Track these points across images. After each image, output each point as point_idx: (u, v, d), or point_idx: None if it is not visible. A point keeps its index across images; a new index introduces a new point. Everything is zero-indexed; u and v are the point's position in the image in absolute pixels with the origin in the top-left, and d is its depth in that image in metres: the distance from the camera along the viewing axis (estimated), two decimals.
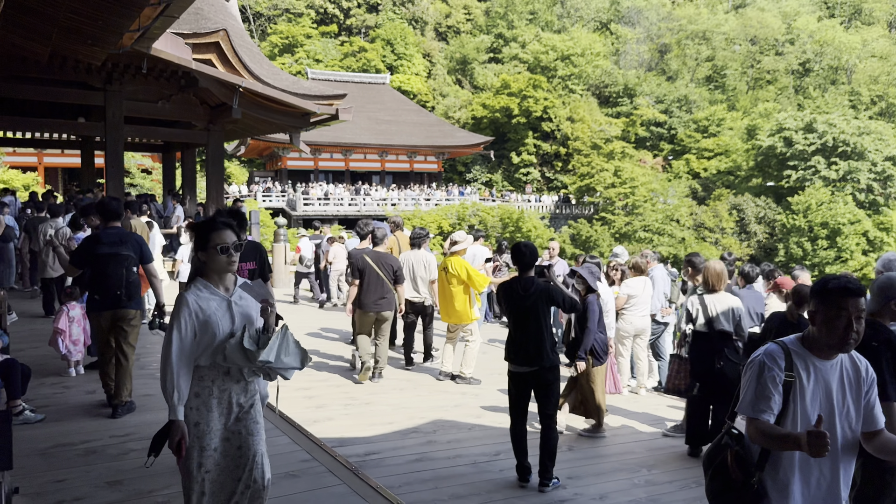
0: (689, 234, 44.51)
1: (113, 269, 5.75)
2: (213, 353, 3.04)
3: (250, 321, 3.11)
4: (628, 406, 7.59)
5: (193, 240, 3.17)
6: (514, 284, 5.14)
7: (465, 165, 55.63)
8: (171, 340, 2.97)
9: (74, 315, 6.84)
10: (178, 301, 3.04)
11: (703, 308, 5.86)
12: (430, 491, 4.68)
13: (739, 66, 67.19)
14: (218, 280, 3.13)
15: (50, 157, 36.11)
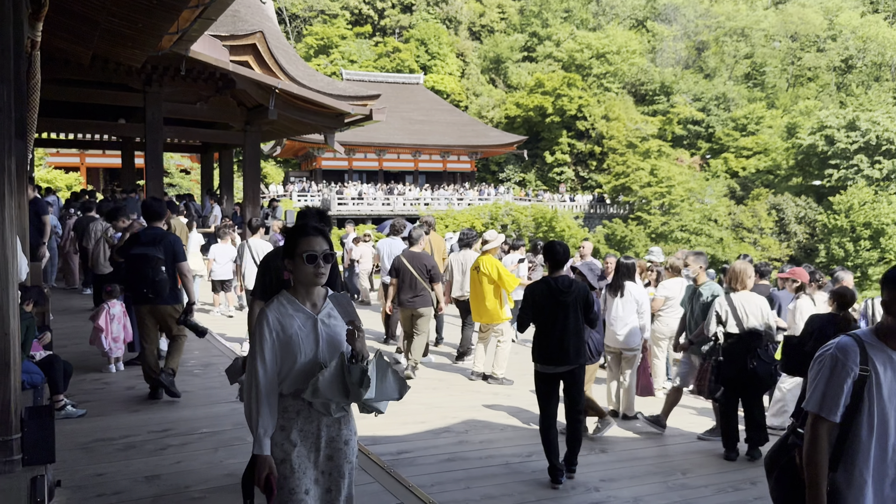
0: (727, 234, 43.82)
1: (140, 269, 6.04)
2: (295, 381, 2.66)
3: (336, 345, 2.72)
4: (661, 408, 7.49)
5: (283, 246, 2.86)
6: (549, 282, 5.15)
7: (498, 165, 55.53)
8: (255, 365, 2.62)
9: (115, 313, 6.99)
10: (259, 318, 2.69)
11: (732, 309, 5.81)
12: (462, 491, 4.68)
13: (779, 63, 65.91)
14: (304, 294, 2.75)
15: (91, 157, 36.94)
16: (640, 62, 60.78)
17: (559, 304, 5.05)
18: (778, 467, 2.75)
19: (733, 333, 5.79)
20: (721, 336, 5.88)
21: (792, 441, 2.71)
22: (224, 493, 4.16)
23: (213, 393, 6.41)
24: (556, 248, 5.22)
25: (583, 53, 59.29)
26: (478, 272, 7.98)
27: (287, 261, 2.76)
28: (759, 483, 5.26)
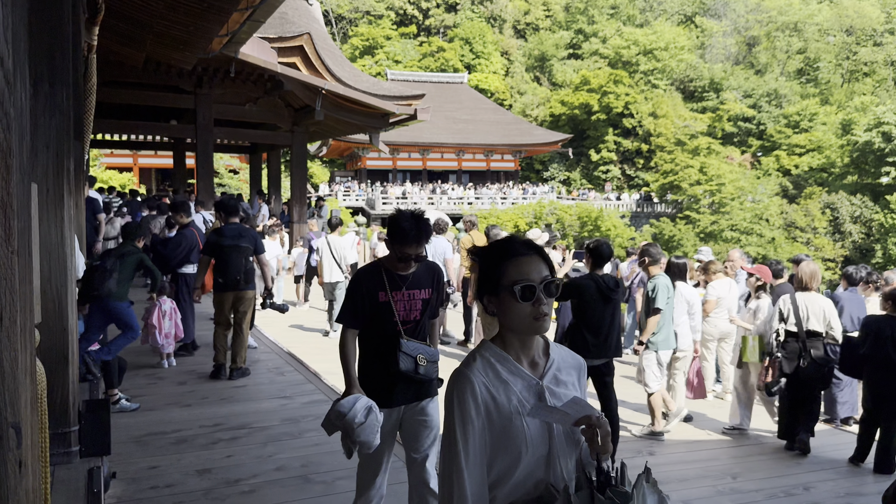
0: (779, 233, 42.72)
1: (234, 259, 6.79)
2: (511, 493, 1.72)
3: (573, 433, 1.76)
4: (713, 411, 7.35)
5: (475, 278, 2.24)
6: (597, 280, 5.38)
7: (542, 163, 55.17)
8: (458, 455, 1.70)
9: (166, 309, 7.16)
10: (460, 385, 1.78)
11: (795, 308, 5.90)
12: None
13: (834, 58, 63.98)
14: (519, 346, 1.82)
15: (144, 158, 37.86)
16: (689, 58, 59.69)
17: (607, 300, 5.36)
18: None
19: (792, 332, 5.92)
20: (782, 334, 5.98)
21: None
22: (273, 486, 4.22)
23: (262, 389, 6.51)
24: (603, 249, 5.47)
25: (629, 50, 58.50)
26: None
27: (487, 297, 1.84)
28: (812, 488, 5.12)
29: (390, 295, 3.28)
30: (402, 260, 3.24)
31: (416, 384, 3.33)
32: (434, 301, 3.47)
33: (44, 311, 3.50)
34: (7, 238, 1.24)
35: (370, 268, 3.38)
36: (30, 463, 1.38)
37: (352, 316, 3.33)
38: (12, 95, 1.27)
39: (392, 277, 3.31)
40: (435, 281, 3.47)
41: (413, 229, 3.15)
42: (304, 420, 5.54)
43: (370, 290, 3.28)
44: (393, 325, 3.28)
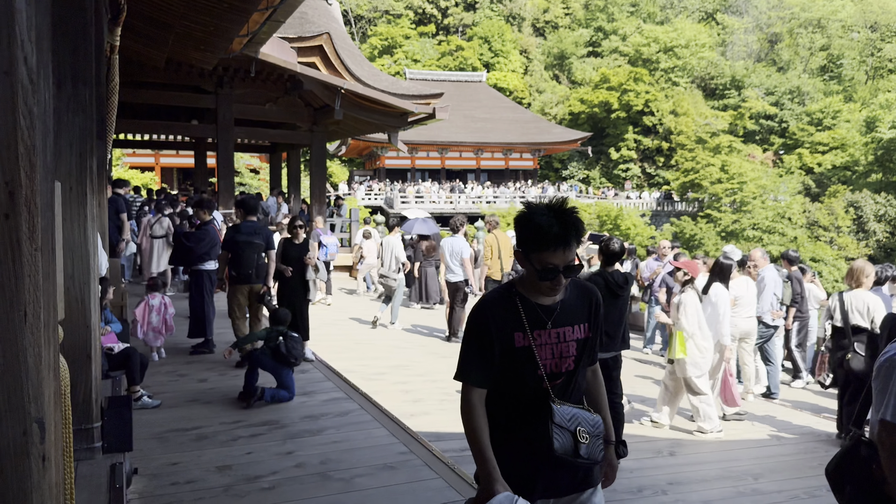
0: (802, 232, 42.20)
1: (247, 254, 7.21)
2: None
3: None
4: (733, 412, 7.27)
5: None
6: (606, 276, 5.48)
7: (561, 162, 54.95)
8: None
9: (154, 304, 7.27)
10: None
11: (841, 304, 6.20)
12: None
13: (858, 54, 63.04)
14: None
15: (166, 157, 38.29)
16: (710, 56, 59.13)
17: (616, 297, 5.48)
18: (851, 483, 2.51)
19: (837, 327, 6.21)
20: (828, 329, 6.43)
21: (866, 453, 2.52)
22: (292, 483, 4.23)
23: None
24: (613, 245, 5.58)
25: (650, 48, 58.08)
26: None
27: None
28: None
29: (531, 336, 2.28)
30: (546, 276, 2.21)
31: (573, 470, 2.34)
32: (594, 341, 2.45)
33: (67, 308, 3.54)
34: (31, 235, 1.26)
35: (499, 295, 2.36)
36: (53, 457, 1.40)
37: (477, 368, 2.32)
38: (36, 94, 1.28)
39: (531, 309, 2.30)
40: (593, 310, 2.44)
41: (556, 225, 2.18)
42: (324, 417, 5.56)
43: (502, 328, 2.28)
44: (536, 380, 2.29)
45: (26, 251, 1.25)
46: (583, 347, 2.38)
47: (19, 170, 1.24)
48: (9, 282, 1.23)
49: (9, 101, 1.23)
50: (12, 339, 1.25)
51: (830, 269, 36.80)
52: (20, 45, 1.24)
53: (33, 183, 1.26)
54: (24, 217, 1.24)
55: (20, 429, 1.28)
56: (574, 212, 2.24)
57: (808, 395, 9.01)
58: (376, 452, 4.77)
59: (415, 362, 8.56)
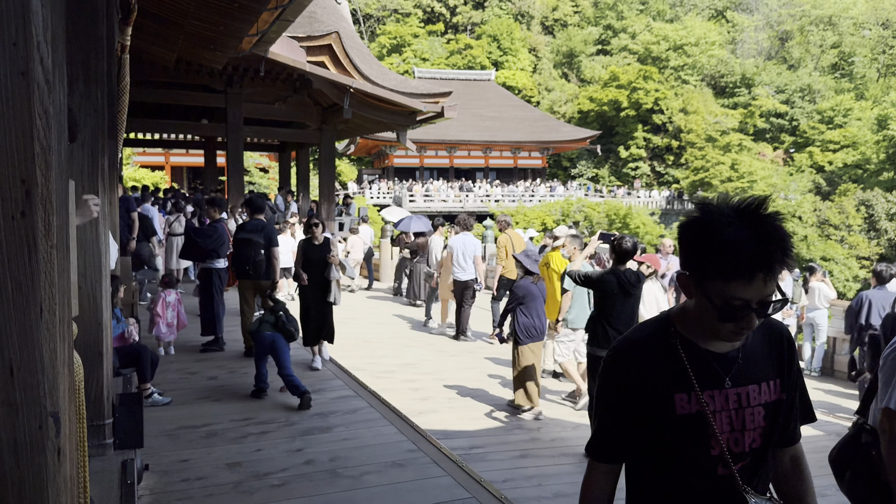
0: (812, 231, 41.97)
1: (245, 251, 7.42)
2: None
3: None
4: None
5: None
6: (619, 275, 5.48)
7: (570, 161, 54.84)
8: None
9: (170, 300, 7.37)
10: None
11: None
12: (534, 488, 4.66)
13: (869, 52, 62.60)
14: None
15: (176, 156, 38.44)
16: (720, 53, 58.85)
17: (628, 294, 5.47)
18: (851, 468, 2.57)
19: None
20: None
21: (866, 440, 2.53)
22: (303, 480, 4.26)
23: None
24: (626, 243, 5.55)
25: (659, 45, 57.86)
26: (547, 268, 7.91)
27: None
28: None
29: (700, 398, 1.58)
30: (731, 316, 1.51)
31: None
32: (790, 407, 1.72)
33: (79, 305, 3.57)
34: (46, 233, 1.28)
35: (648, 336, 1.67)
36: (68, 451, 1.42)
37: (609, 440, 1.68)
38: (51, 94, 1.31)
39: (700, 359, 1.61)
40: (786, 360, 1.72)
41: (753, 241, 1.48)
42: (333, 415, 5.59)
43: (655, 386, 1.60)
44: (709, 463, 1.60)
45: (42, 248, 1.27)
46: (774, 414, 1.66)
47: (35, 169, 1.26)
48: (25, 278, 1.26)
49: (25, 101, 1.25)
50: (28, 334, 1.27)
51: (841, 269, 36.61)
52: (36, 46, 1.26)
53: (49, 182, 1.29)
54: (39, 215, 1.27)
55: (36, 423, 1.30)
56: (778, 219, 1.54)
57: (821, 393, 8.98)
58: (385, 450, 4.80)
59: (423, 361, 8.58)
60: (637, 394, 1.60)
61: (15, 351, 1.26)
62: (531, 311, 6.38)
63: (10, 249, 1.24)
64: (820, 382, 9.71)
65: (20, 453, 1.29)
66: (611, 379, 1.67)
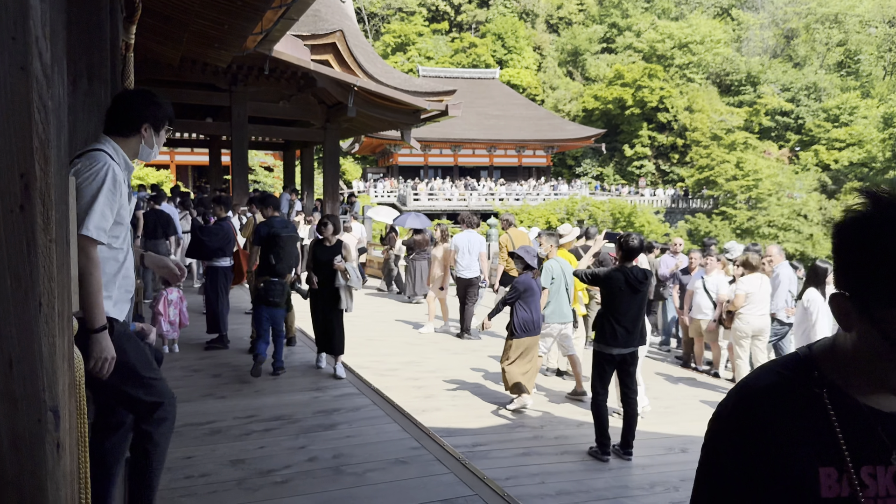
0: (818, 230, 41.84)
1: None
2: None
3: None
4: None
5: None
6: (626, 272, 5.54)
7: (574, 159, 54.79)
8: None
9: (172, 298, 7.37)
10: None
11: None
12: (537, 486, 4.66)
13: (875, 50, 62.35)
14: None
15: (181, 155, 38.55)
16: (725, 52, 58.71)
17: (636, 291, 5.51)
18: None
19: None
20: None
21: None
22: (306, 477, 4.27)
23: (296, 381, 6.59)
24: (632, 241, 5.61)
25: (664, 44, 57.75)
26: None
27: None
28: None
29: (856, 477, 1.10)
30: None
31: None
32: None
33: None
34: (45, 227, 1.28)
35: (781, 379, 1.18)
36: (68, 446, 1.42)
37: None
38: (50, 89, 1.31)
39: (860, 419, 1.13)
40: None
41: None
42: (337, 413, 5.59)
43: (787, 457, 1.11)
44: None
45: (41, 242, 1.27)
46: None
47: (34, 163, 1.26)
48: (24, 272, 1.26)
49: (24, 95, 1.25)
50: (27, 328, 1.27)
51: None
52: (35, 40, 1.26)
53: (47, 176, 1.29)
54: (38, 209, 1.27)
55: (35, 416, 1.30)
56: None
57: None
58: (388, 447, 4.80)
59: (427, 358, 8.58)
60: (762, 466, 1.11)
61: (14, 344, 1.26)
62: (530, 305, 6.41)
63: (8, 243, 1.24)
64: None
65: (19, 446, 1.29)
66: (723, 444, 1.17)
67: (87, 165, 2.48)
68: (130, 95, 2.77)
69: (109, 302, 2.63)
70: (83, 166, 2.49)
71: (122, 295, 2.73)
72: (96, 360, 2.43)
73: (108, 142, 2.68)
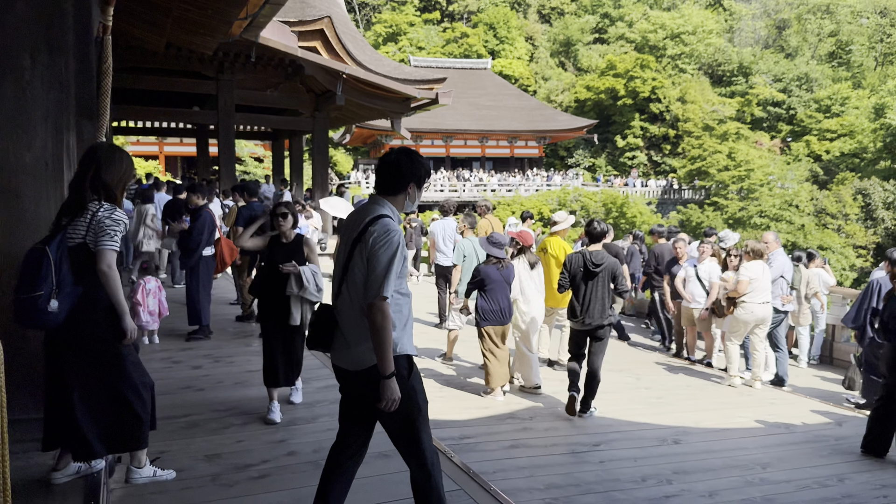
0: (809, 220, 41.83)
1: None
2: None
3: None
4: (741, 400, 7.12)
5: None
6: (585, 255, 6.07)
7: (566, 150, 54.60)
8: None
9: (150, 288, 7.18)
10: None
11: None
12: (526, 479, 4.50)
13: (867, 40, 62.32)
14: None
15: (170, 146, 38.18)
16: (717, 42, 58.57)
17: (590, 273, 6.01)
18: None
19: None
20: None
21: None
22: (284, 472, 4.10)
23: None
24: (594, 226, 6.22)
25: (656, 34, 57.55)
26: (545, 254, 7.74)
27: None
28: (846, 479, 4.90)
29: None
30: None
31: None
32: None
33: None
34: None
35: None
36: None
37: None
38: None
39: None
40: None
41: None
42: (319, 405, 5.42)
43: None
44: None
45: None
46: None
47: None
48: None
49: None
50: None
51: (838, 257, 36.53)
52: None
53: None
54: None
55: None
56: None
57: (818, 381, 8.85)
58: (371, 440, 4.62)
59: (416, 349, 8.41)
60: None
61: None
62: (490, 295, 6.38)
63: None
64: (819, 371, 9.59)
65: None
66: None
67: (383, 234, 2.84)
68: (397, 158, 3.02)
69: (409, 340, 3.03)
70: (379, 234, 2.85)
71: (411, 331, 3.10)
72: (387, 401, 2.84)
73: (386, 205, 3.01)
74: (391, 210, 2.99)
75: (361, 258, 2.89)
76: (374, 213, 2.94)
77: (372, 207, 2.99)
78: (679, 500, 4.34)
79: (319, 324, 3.10)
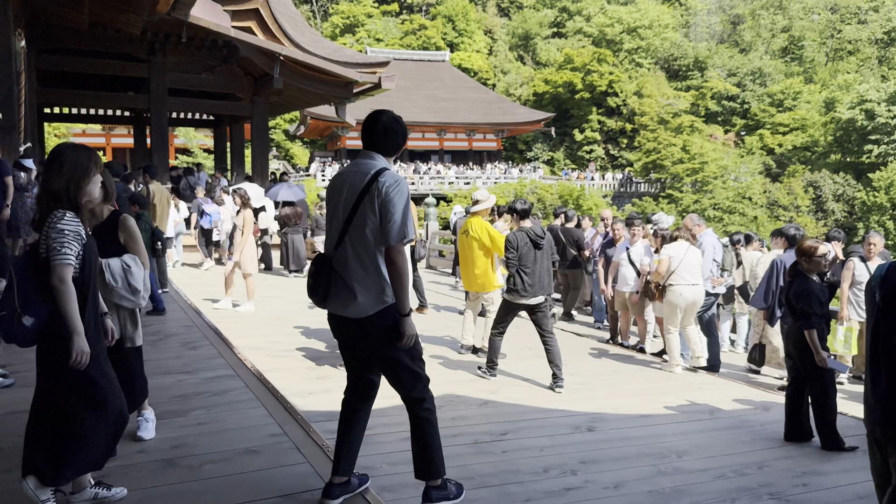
0: (762, 212, 42.35)
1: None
2: None
3: None
4: (667, 385, 6.80)
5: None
6: (527, 232, 6.29)
7: (525, 143, 54.47)
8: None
9: None
10: None
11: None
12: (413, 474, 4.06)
13: (818, 36, 63.42)
14: None
15: (117, 137, 37.09)
16: (673, 37, 58.99)
17: (537, 247, 6.26)
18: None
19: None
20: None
21: None
22: (129, 471, 3.60)
23: (164, 363, 5.88)
24: (518, 205, 6.44)
25: (614, 28, 57.73)
26: (467, 236, 7.30)
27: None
28: (766, 467, 4.57)
29: None
30: None
31: None
32: None
33: None
34: None
35: None
36: None
37: None
38: None
39: None
40: None
41: None
42: (198, 397, 4.92)
43: None
44: None
45: None
46: None
47: None
48: None
49: None
50: None
51: None
52: None
53: None
54: None
55: None
56: None
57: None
58: (242, 435, 4.16)
59: (326, 340, 7.92)
60: None
61: None
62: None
63: None
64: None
65: None
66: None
67: (394, 183, 3.01)
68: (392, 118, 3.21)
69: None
70: (390, 183, 3.01)
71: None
72: (408, 337, 3.13)
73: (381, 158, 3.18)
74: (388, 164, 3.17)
75: (372, 209, 3.00)
76: (376, 167, 3.08)
77: (369, 163, 3.11)
78: (580, 492, 3.95)
79: (320, 276, 3.17)
